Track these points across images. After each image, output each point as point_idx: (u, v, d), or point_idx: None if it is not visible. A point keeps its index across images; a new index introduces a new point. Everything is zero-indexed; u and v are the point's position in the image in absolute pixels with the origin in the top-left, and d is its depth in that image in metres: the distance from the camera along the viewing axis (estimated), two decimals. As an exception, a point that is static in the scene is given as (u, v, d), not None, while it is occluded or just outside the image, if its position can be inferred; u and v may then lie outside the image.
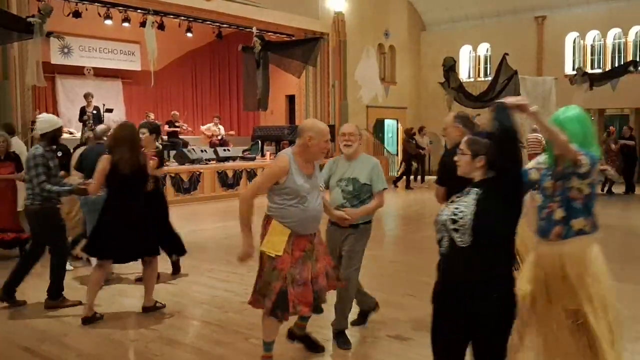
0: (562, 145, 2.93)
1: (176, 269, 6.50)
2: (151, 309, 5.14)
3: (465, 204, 2.63)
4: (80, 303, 5.20)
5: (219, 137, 16.32)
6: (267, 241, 3.61)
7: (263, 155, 16.46)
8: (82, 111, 13.10)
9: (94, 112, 13.13)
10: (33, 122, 11.29)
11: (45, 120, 5.38)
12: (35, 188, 5.12)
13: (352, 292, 4.31)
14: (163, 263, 6.71)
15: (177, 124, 15.35)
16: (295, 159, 3.65)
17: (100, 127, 6.64)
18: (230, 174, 13.74)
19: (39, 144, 5.25)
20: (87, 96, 13.30)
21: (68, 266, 5.95)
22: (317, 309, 3.83)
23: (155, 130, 6.02)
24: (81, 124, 13.17)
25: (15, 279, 5.35)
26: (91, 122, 12.90)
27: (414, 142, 16.52)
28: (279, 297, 3.59)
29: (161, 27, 14.78)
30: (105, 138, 5.98)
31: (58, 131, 5.40)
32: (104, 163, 4.84)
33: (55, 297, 5.30)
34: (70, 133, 15.85)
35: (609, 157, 13.95)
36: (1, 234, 7.09)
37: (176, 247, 6.32)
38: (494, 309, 2.59)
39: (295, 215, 3.62)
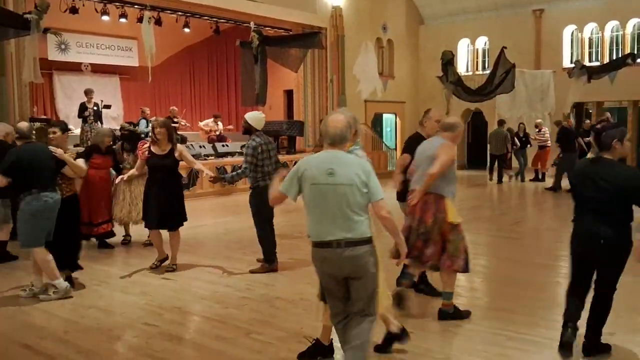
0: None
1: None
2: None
3: None
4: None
5: (217, 133, 16.29)
6: (452, 213, 4.62)
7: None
8: (83, 107, 13.05)
9: (95, 108, 13.08)
10: (31, 119, 11.28)
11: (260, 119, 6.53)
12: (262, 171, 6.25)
13: None
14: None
15: (175, 120, 15.29)
16: None
17: (25, 125, 6.04)
18: (229, 169, 13.69)
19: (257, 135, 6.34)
20: (87, 92, 13.24)
21: None
22: None
23: (66, 129, 6.29)
24: (80, 120, 13.13)
25: (272, 245, 6.40)
26: (92, 118, 12.86)
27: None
28: (467, 254, 4.70)
29: (158, 22, 14.71)
30: (33, 137, 5.72)
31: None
32: None
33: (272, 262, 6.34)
34: (69, 129, 15.83)
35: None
36: (100, 227, 7.36)
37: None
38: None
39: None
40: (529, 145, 15.46)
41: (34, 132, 5.80)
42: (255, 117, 6.56)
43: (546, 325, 4.61)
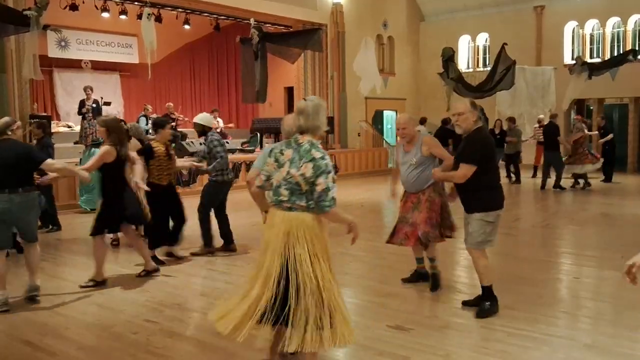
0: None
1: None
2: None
3: None
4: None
5: (218, 130, 16.26)
6: None
7: (262, 148, 16.42)
8: (82, 104, 13.07)
9: (94, 105, 13.08)
10: (31, 116, 11.28)
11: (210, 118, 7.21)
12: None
13: None
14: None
15: (173, 116, 15.27)
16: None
17: (4, 120, 5.44)
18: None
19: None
20: (86, 89, 13.25)
21: None
22: (425, 246, 5.38)
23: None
24: (80, 117, 13.13)
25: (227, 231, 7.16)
26: (90, 115, 12.87)
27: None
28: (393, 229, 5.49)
29: (158, 19, 14.70)
30: (9, 132, 5.30)
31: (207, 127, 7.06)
32: None
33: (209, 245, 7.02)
34: (69, 127, 15.84)
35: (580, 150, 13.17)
36: None
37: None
38: None
39: (401, 177, 5.43)
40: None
41: (13, 128, 5.37)
42: (206, 117, 7.18)
43: (546, 321, 4.61)
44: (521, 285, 5.65)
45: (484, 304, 4.74)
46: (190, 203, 7.18)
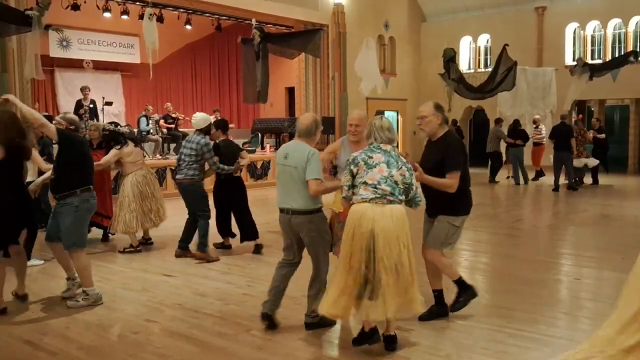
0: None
1: None
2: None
3: None
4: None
5: (218, 129, 16.27)
6: (334, 201, 4.93)
7: (263, 148, 16.44)
8: (79, 105, 13.04)
9: (91, 105, 13.06)
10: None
11: (201, 119, 7.05)
12: (191, 166, 6.90)
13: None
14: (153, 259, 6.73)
15: (173, 116, 15.27)
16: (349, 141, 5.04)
17: (75, 115, 5.71)
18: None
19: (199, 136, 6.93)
20: (83, 89, 13.22)
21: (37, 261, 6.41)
22: None
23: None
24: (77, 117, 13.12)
25: (189, 237, 6.97)
26: (87, 115, 12.85)
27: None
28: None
29: (160, 19, 14.71)
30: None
31: (209, 126, 7.13)
32: None
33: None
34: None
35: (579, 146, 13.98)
36: (100, 218, 7.61)
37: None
38: None
39: None
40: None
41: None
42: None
43: (546, 322, 4.61)
44: (521, 285, 5.65)
45: (462, 295, 4.76)
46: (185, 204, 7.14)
